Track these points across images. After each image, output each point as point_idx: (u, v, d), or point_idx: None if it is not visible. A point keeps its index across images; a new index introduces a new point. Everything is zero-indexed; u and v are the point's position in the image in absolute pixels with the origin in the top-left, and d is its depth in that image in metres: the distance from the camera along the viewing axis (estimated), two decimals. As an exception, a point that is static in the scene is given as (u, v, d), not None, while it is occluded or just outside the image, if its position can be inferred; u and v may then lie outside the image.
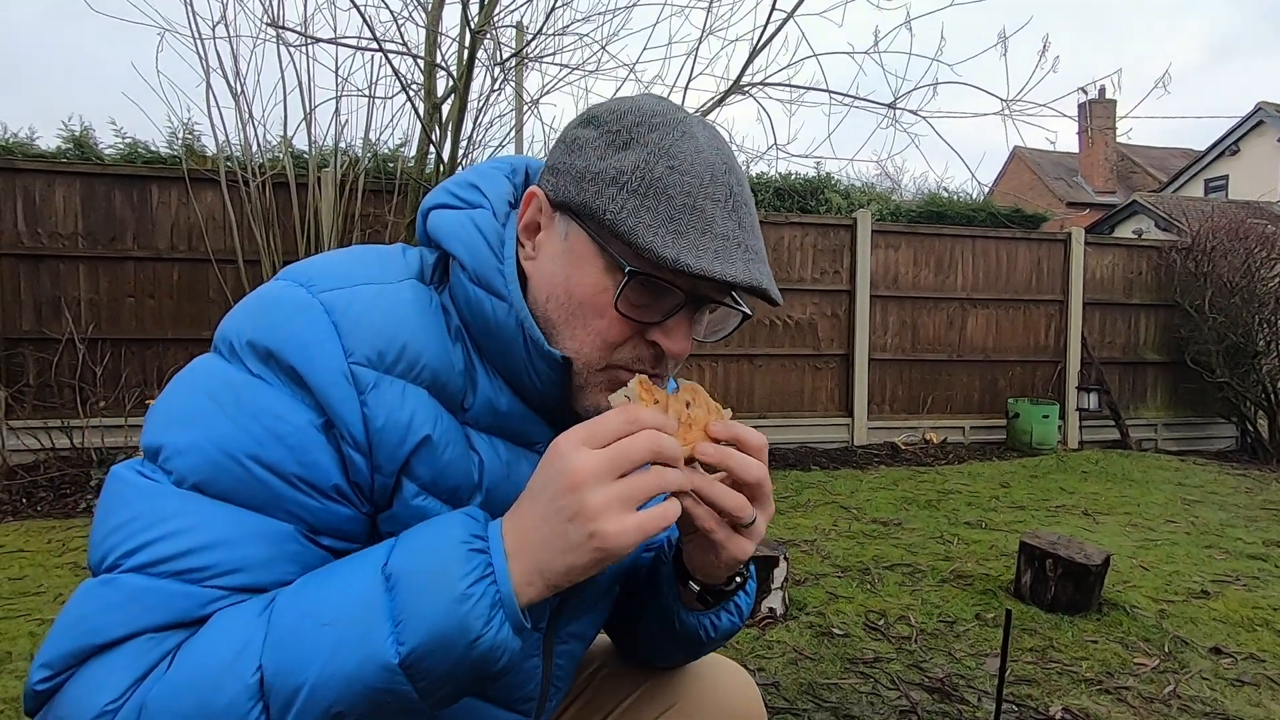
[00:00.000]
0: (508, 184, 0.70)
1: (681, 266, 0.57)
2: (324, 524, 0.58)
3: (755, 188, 8.78)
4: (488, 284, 0.63)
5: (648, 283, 0.61)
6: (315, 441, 0.56)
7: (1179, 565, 3.33)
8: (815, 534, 3.72)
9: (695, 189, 0.60)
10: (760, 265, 0.62)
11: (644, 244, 0.58)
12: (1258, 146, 15.77)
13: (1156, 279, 7.13)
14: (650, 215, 0.59)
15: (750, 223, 0.64)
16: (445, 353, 0.62)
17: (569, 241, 0.63)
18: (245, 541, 0.54)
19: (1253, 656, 2.41)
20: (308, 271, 0.62)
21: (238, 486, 0.55)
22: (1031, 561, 2.80)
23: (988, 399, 6.79)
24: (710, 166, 0.62)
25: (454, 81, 4.18)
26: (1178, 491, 4.94)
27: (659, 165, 0.60)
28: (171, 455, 0.55)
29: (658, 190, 0.59)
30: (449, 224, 0.66)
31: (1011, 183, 22.82)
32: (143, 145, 6.01)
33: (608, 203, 0.60)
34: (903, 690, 2.13)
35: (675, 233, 0.59)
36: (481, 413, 0.64)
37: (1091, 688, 2.18)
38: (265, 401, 0.56)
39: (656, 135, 0.62)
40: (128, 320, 4.84)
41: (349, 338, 0.58)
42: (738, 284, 0.60)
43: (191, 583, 0.53)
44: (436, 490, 0.62)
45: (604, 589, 0.77)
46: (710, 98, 4.16)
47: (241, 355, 0.58)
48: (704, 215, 0.60)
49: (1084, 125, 19.60)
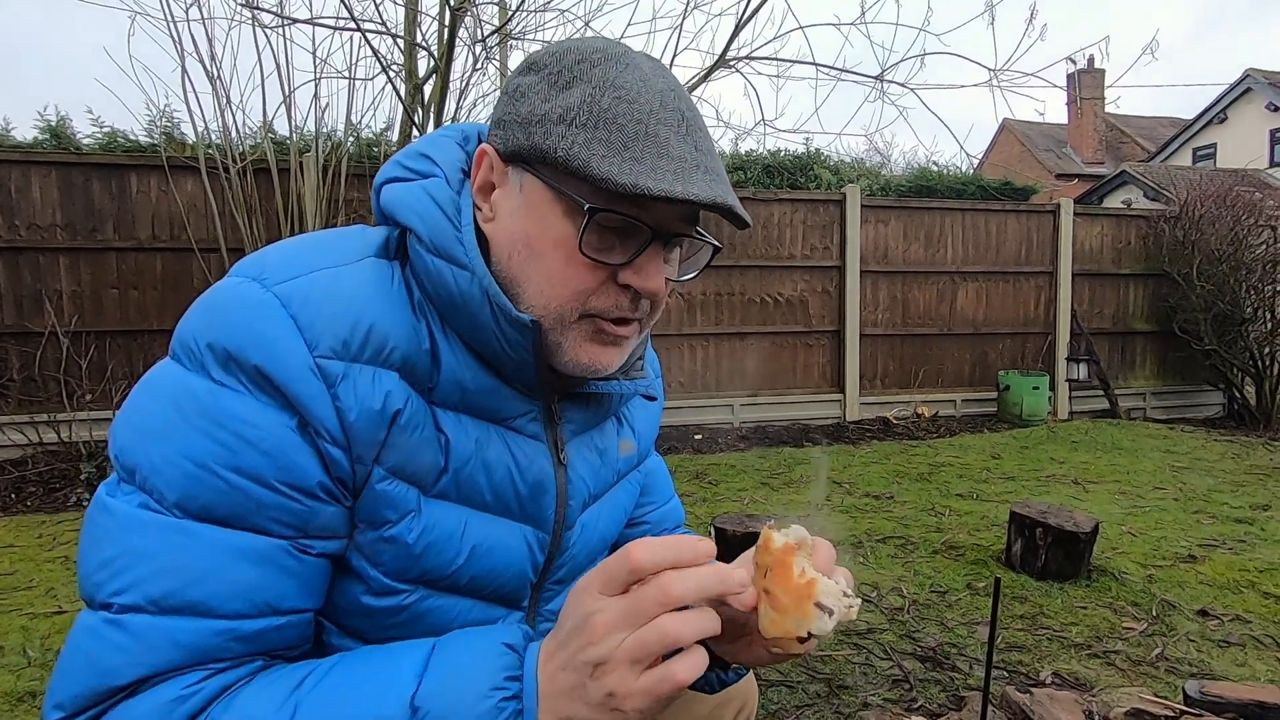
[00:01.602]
0: (459, 151, 0.68)
1: (642, 190, 0.55)
2: (313, 526, 0.56)
3: (744, 164, 8.72)
4: (447, 253, 0.61)
5: (611, 221, 0.58)
6: (291, 443, 0.55)
7: (1167, 531, 3.37)
8: (809, 509, 3.74)
9: (645, 115, 0.58)
10: (722, 185, 0.60)
11: (600, 174, 0.55)
12: (1245, 114, 15.77)
13: (1145, 249, 7.14)
14: (603, 145, 0.56)
15: (706, 145, 0.61)
16: (413, 331, 0.61)
17: (525, 193, 0.61)
18: (234, 567, 0.53)
19: (1238, 618, 2.45)
20: (260, 264, 0.60)
21: (219, 499, 0.53)
22: (1022, 531, 2.82)
23: (978, 372, 6.82)
24: (659, 93, 0.60)
25: (435, 61, 4.11)
26: (1166, 459, 5.00)
27: (605, 97, 0.58)
28: (149, 475, 0.54)
29: (607, 120, 0.57)
30: (402, 196, 0.63)
31: (1001, 155, 22.77)
32: (121, 134, 5.91)
33: (558, 141, 0.57)
34: (895, 660, 2.15)
35: (632, 159, 0.56)
36: (448, 390, 0.62)
37: (1081, 652, 2.21)
38: (233, 409, 0.54)
39: (599, 70, 0.60)
40: (111, 312, 4.78)
41: (310, 330, 0.56)
42: (702, 202, 0.57)
43: (195, 616, 0.52)
44: (404, 474, 0.60)
45: (583, 565, 0.77)
46: (696, 73, 4.11)
47: (202, 361, 0.56)
48: (658, 139, 0.58)
49: (1073, 95, 19.52)
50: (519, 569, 0.68)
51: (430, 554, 0.62)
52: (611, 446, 0.78)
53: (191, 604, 0.52)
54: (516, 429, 0.67)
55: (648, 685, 0.47)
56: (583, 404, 0.73)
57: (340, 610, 0.62)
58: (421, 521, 0.61)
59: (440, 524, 0.62)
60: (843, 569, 0.58)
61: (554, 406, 0.70)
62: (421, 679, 0.51)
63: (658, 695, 0.47)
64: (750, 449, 5.38)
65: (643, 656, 0.47)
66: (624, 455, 0.80)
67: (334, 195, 4.89)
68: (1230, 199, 6.78)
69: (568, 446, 0.72)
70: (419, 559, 0.62)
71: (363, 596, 0.62)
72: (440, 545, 0.63)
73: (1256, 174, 13.25)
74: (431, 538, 0.62)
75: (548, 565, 0.72)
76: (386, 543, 0.60)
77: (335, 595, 0.62)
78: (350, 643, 0.63)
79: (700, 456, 5.14)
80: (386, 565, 0.61)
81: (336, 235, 0.65)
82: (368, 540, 0.60)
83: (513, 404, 0.66)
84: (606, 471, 0.77)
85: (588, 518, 0.75)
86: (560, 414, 0.71)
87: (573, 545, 0.73)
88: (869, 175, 9.44)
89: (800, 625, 0.51)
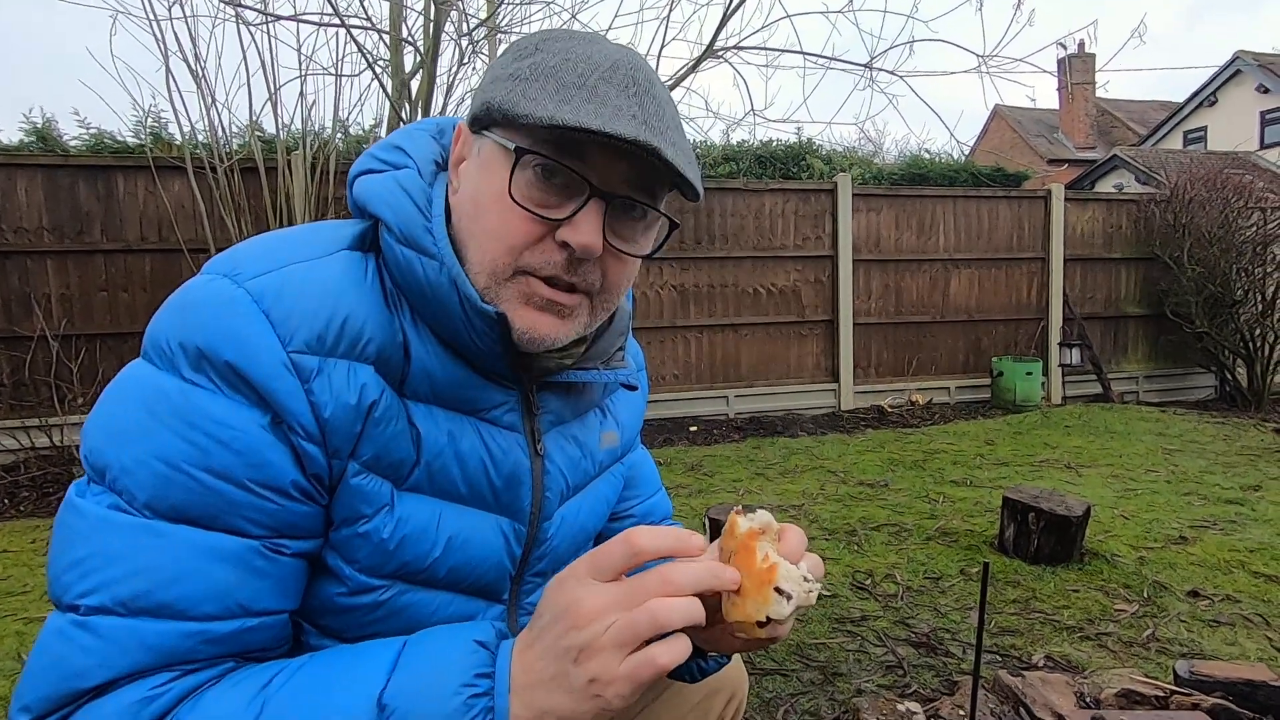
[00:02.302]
0: (434, 144, 0.68)
1: (557, 122, 0.54)
2: (287, 525, 0.56)
3: (736, 155, 8.71)
4: (416, 243, 0.61)
5: (542, 164, 0.58)
6: (263, 441, 0.54)
7: (1159, 513, 3.39)
8: (803, 499, 3.76)
9: (590, 71, 0.57)
10: (659, 136, 0.57)
11: (522, 111, 0.55)
12: (1235, 96, 15.78)
13: (1136, 232, 7.16)
14: (538, 91, 0.56)
15: (655, 109, 0.58)
16: (387, 323, 0.60)
17: (480, 155, 0.62)
18: (206, 569, 0.53)
19: (1229, 598, 2.47)
20: (233, 260, 0.60)
21: (190, 499, 0.53)
22: (1014, 516, 2.84)
23: (972, 358, 6.84)
24: (611, 59, 0.59)
25: (421, 56, 4.08)
26: (1158, 441, 5.02)
27: (554, 59, 0.59)
28: (119, 475, 0.53)
29: (547, 73, 0.57)
30: (373, 187, 0.63)
31: (993, 142, 22.76)
32: (108, 135, 5.86)
33: (502, 94, 0.58)
34: (889, 646, 2.16)
35: (560, 100, 0.56)
36: (418, 382, 0.62)
37: (1073, 635, 2.22)
38: (204, 408, 0.54)
39: (560, 43, 0.60)
40: (101, 315, 4.76)
41: (284, 325, 0.56)
42: (623, 138, 0.54)
43: (165, 618, 0.51)
44: (378, 468, 0.60)
45: (564, 557, 0.76)
46: (684, 63, 4.10)
47: (173, 360, 0.55)
48: (595, 91, 0.56)
49: (1063, 81, 19.51)
50: (496, 560, 0.68)
51: (406, 547, 0.62)
52: (593, 438, 0.78)
53: (161, 606, 0.51)
54: (492, 420, 0.67)
55: (630, 670, 0.47)
56: (562, 394, 0.73)
57: (316, 609, 0.62)
58: (395, 515, 0.61)
59: (414, 517, 0.62)
60: (813, 555, 0.57)
61: (532, 397, 0.70)
62: (390, 676, 0.51)
63: (640, 680, 0.47)
64: (745, 440, 5.38)
65: (629, 640, 0.47)
66: (606, 447, 0.80)
67: (323, 193, 4.86)
68: (1220, 181, 6.80)
69: (545, 437, 0.71)
70: (395, 553, 0.62)
71: (338, 594, 0.62)
72: (415, 538, 0.62)
73: (1246, 156, 13.29)
74: (406, 530, 0.62)
75: (526, 557, 0.72)
76: (361, 538, 0.60)
77: (310, 595, 0.62)
78: (328, 643, 0.63)
79: (695, 448, 5.15)
80: (362, 561, 0.61)
81: (310, 229, 0.65)
82: (342, 537, 0.60)
83: (487, 395, 0.66)
84: (587, 463, 0.77)
85: (567, 509, 0.75)
86: (538, 405, 0.70)
87: (552, 537, 0.73)
88: (861, 164, 9.43)
89: (759, 609, 0.51)
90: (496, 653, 0.52)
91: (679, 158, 0.58)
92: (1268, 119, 15.14)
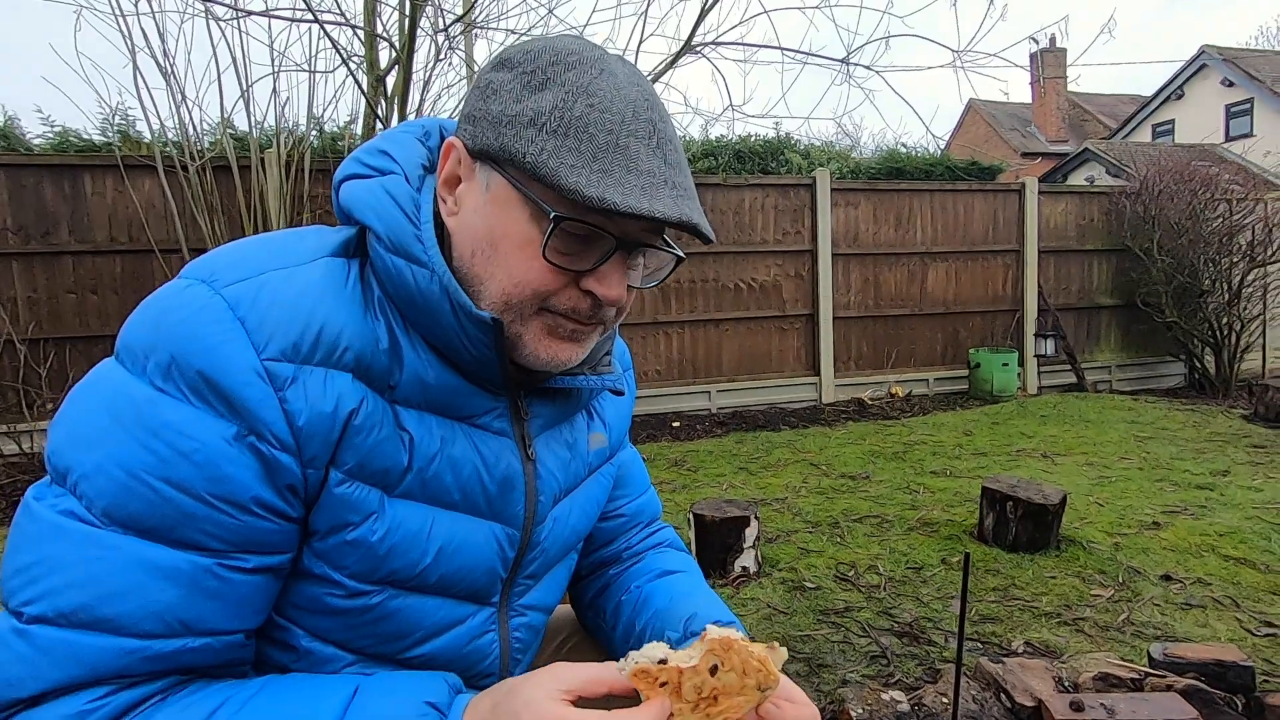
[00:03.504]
0: (420, 148, 0.67)
1: (608, 205, 0.55)
2: (246, 541, 0.55)
3: (714, 151, 8.71)
4: (405, 251, 0.60)
5: (576, 229, 0.59)
6: (225, 455, 0.54)
7: (1132, 499, 3.47)
8: (786, 492, 3.79)
9: (617, 126, 0.58)
10: (689, 201, 0.61)
11: (568, 185, 0.55)
12: (1201, 90, 16.10)
13: (1108, 224, 7.29)
14: (572, 155, 0.57)
15: (676, 159, 0.61)
16: (367, 330, 0.60)
17: (491, 191, 0.61)
18: (152, 586, 0.52)
19: (1200, 581, 2.54)
20: (212, 265, 0.59)
21: (147, 509, 0.52)
22: (993, 505, 2.89)
23: (950, 350, 6.93)
24: (631, 103, 0.60)
25: (397, 53, 4.03)
26: (1131, 429, 5.13)
27: (578, 104, 0.58)
28: (79, 479, 0.53)
29: (578, 129, 0.57)
30: (359, 194, 0.63)
31: (968, 135, 23.04)
32: (74, 133, 5.71)
33: (527, 145, 0.57)
34: (873, 636, 2.19)
35: (600, 171, 0.56)
36: (410, 389, 0.62)
37: (1051, 620, 2.27)
38: (168, 418, 0.53)
39: (574, 74, 0.59)
40: (70, 318, 4.65)
41: (259, 333, 0.55)
42: (668, 220, 0.58)
43: (104, 633, 0.51)
44: (363, 475, 0.60)
45: (554, 559, 0.77)
46: (662, 59, 4.09)
47: (144, 365, 0.55)
48: (628, 153, 0.58)
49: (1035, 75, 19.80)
50: (489, 566, 0.68)
51: (396, 555, 0.62)
52: (581, 440, 0.78)
53: (102, 620, 0.51)
54: (482, 426, 0.67)
55: None
56: (550, 399, 0.73)
57: (305, 613, 0.62)
58: (385, 523, 0.61)
59: (405, 524, 0.62)
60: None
61: (520, 402, 0.70)
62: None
63: None
64: (728, 434, 5.41)
65: None
66: (595, 448, 0.81)
67: (298, 191, 4.79)
68: (1187, 174, 6.94)
69: (535, 442, 0.71)
70: (384, 560, 0.61)
71: (327, 599, 0.61)
72: (406, 546, 0.62)
73: (1212, 148, 13.59)
74: (396, 538, 0.62)
75: (518, 561, 0.72)
76: (350, 546, 0.60)
77: (298, 599, 0.61)
78: (318, 645, 0.63)
79: (678, 443, 5.16)
80: (351, 568, 0.61)
81: (293, 236, 0.64)
82: (329, 546, 0.60)
83: (478, 401, 0.66)
84: (577, 465, 0.77)
85: (559, 512, 0.75)
86: (527, 410, 0.70)
87: (544, 540, 0.73)
88: (839, 158, 9.48)
89: None
90: (448, 714, 0.54)
91: (700, 215, 0.61)
92: (1232, 112, 15.48)
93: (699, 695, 0.53)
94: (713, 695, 0.53)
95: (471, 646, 0.70)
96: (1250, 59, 15.49)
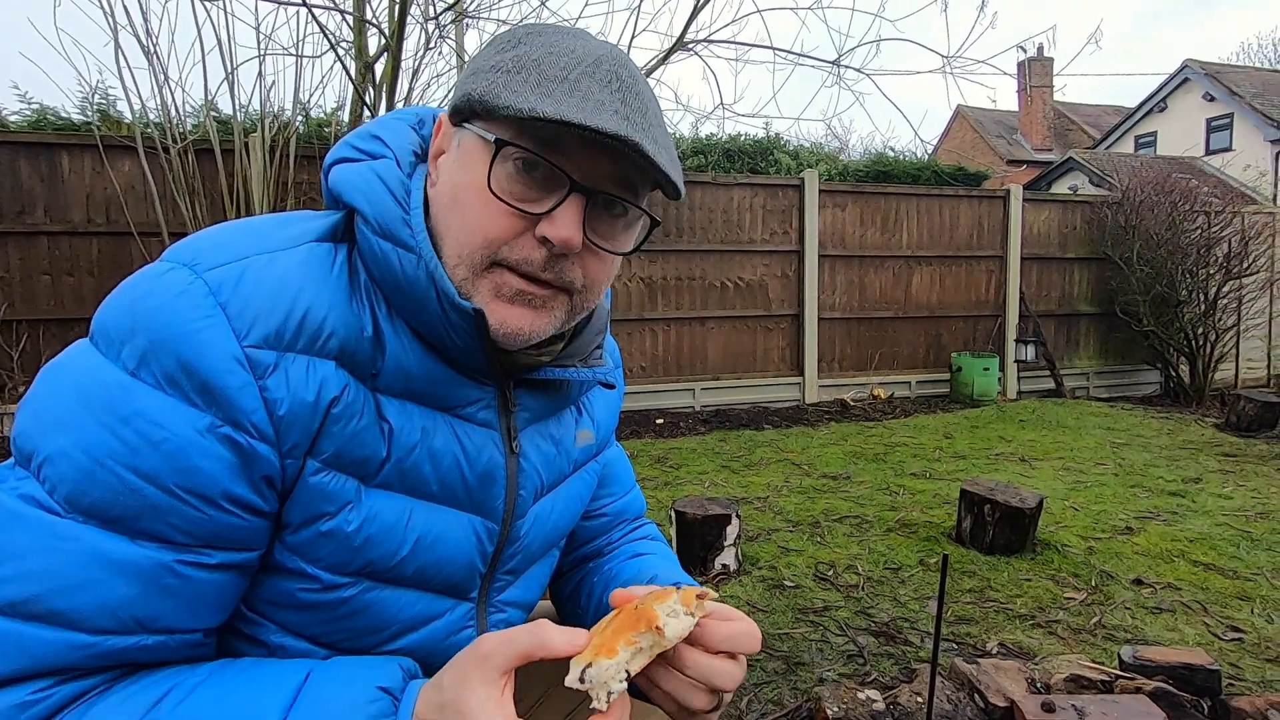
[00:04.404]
0: (413, 135, 0.67)
1: (537, 113, 0.53)
2: (210, 536, 0.54)
3: (704, 149, 8.72)
4: (393, 235, 0.59)
5: (519, 155, 0.57)
6: (197, 447, 0.52)
7: (1106, 505, 3.52)
8: (768, 491, 3.81)
9: (573, 65, 0.56)
10: (640, 131, 0.56)
11: (503, 102, 0.54)
12: (1184, 103, 16.38)
13: (1089, 233, 7.39)
14: (520, 84, 0.55)
15: (638, 105, 0.58)
16: (352, 316, 0.59)
17: (460, 148, 0.60)
18: (106, 581, 0.50)
19: (1170, 585, 2.58)
20: (193, 249, 0.57)
21: (111, 498, 0.50)
22: (971, 507, 2.92)
23: (932, 354, 7.00)
24: (595, 55, 0.58)
25: (386, 40, 3.98)
26: (1107, 436, 5.22)
27: (538, 51, 0.58)
28: (44, 462, 0.51)
29: (530, 65, 0.57)
30: (349, 177, 0.62)
31: (955, 141, 23.25)
32: (52, 111, 5.59)
33: (484, 86, 0.57)
34: (850, 636, 2.21)
35: (542, 93, 0.55)
36: (392, 377, 0.61)
37: (1025, 622, 2.30)
38: (140, 405, 0.51)
39: (545, 37, 0.59)
40: (44, 299, 4.56)
41: (240, 319, 0.54)
42: (604, 132, 0.54)
43: (54, 626, 0.49)
44: (340, 464, 0.58)
45: (536, 555, 0.76)
46: (655, 55, 4.08)
47: (120, 349, 0.53)
48: (577, 85, 0.56)
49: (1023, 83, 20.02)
50: (467, 560, 0.68)
51: (371, 546, 0.61)
52: (568, 436, 0.77)
53: (53, 613, 0.49)
54: (466, 417, 0.66)
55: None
56: (539, 392, 0.72)
57: (277, 608, 0.61)
58: (361, 513, 0.60)
59: (382, 515, 0.61)
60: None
61: (509, 394, 0.69)
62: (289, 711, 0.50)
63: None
64: (711, 432, 5.43)
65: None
66: (581, 445, 0.80)
67: (282, 177, 4.72)
68: (1168, 185, 7.06)
69: (521, 435, 0.71)
70: (360, 551, 0.60)
71: (300, 593, 0.60)
72: (382, 537, 0.61)
73: (1192, 161, 13.83)
74: (372, 529, 0.60)
75: (498, 555, 0.71)
76: (325, 537, 0.59)
77: (269, 594, 0.60)
78: (290, 640, 0.62)
79: (662, 441, 5.17)
80: (326, 560, 0.60)
81: (278, 220, 0.63)
82: (303, 539, 0.59)
83: (463, 391, 0.65)
84: (562, 461, 0.76)
85: (540, 508, 0.74)
86: (515, 402, 0.70)
87: (525, 535, 0.73)
88: (828, 160, 9.53)
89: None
90: (401, 699, 0.53)
91: (661, 154, 0.57)
92: (1213, 126, 15.76)
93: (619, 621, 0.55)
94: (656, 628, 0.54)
95: (449, 642, 0.69)
96: (1232, 74, 15.78)
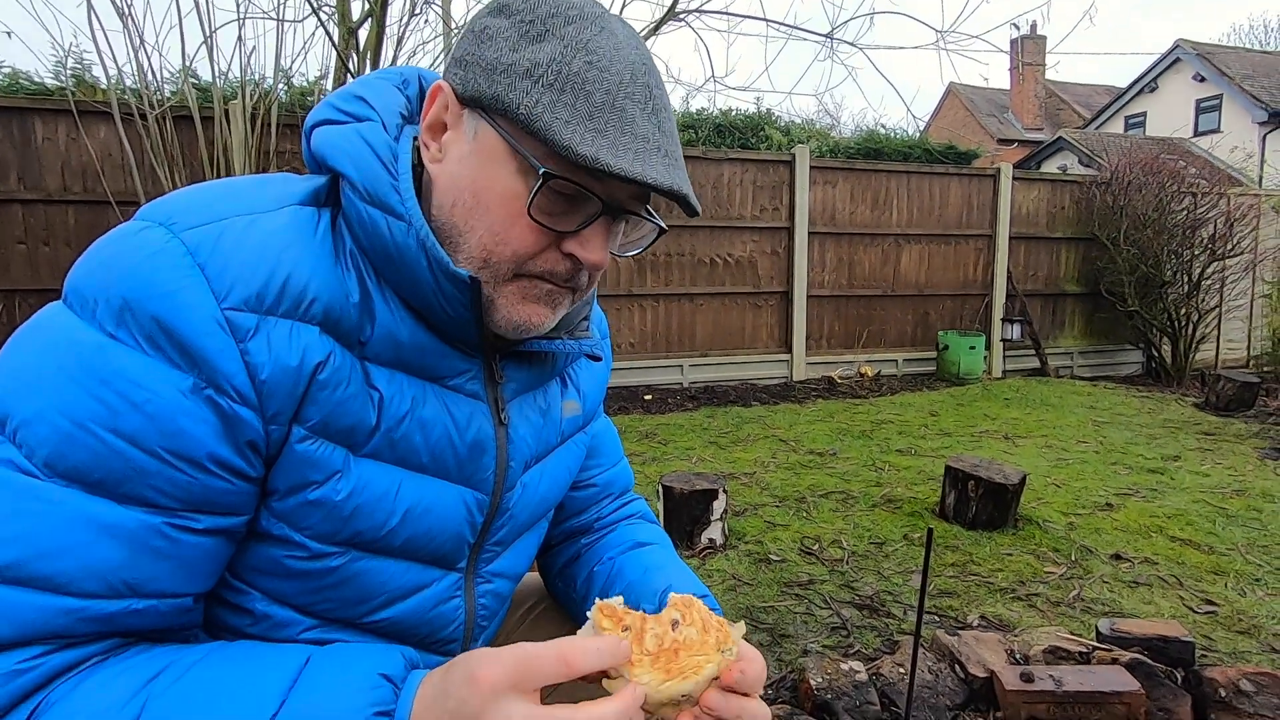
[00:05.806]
0: (399, 95, 0.64)
1: (601, 165, 0.53)
2: (198, 500, 0.52)
3: (695, 123, 8.63)
4: (382, 202, 0.57)
5: (564, 188, 0.57)
6: (181, 408, 0.50)
7: (1087, 481, 3.58)
8: (755, 466, 3.83)
9: (615, 87, 0.56)
10: (679, 171, 0.59)
11: (561, 141, 0.53)
12: (1174, 84, 16.36)
13: (1078, 213, 7.41)
14: (567, 111, 0.54)
15: (669, 128, 0.60)
16: (337, 282, 0.57)
17: (478, 140, 0.58)
18: (93, 544, 0.49)
19: (1147, 560, 2.64)
20: (169, 208, 0.55)
21: (94, 461, 0.49)
22: (955, 483, 2.95)
23: (919, 332, 7.03)
24: (630, 65, 0.58)
25: (370, 4, 3.88)
26: (1089, 414, 5.29)
27: (576, 60, 0.56)
28: (19, 426, 0.49)
29: (575, 85, 0.55)
30: (333, 140, 0.59)
31: (946, 119, 23.17)
32: (24, 75, 5.42)
33: (521, 97, 0.55)
34: (834, 609, 2.24)
35: (595, 130, 0.54)
36: (382, 345, 0.59)
37: (1006, 596, 2.34)
38: (120, 367, 0.49)
39: (574, 29, 0.57)
40: (20, 269, 4.46)
41: (220, 280, 0.52)
42: (658, 187, 0.56)
43: (40, 591, 0.48)
44: (328, 433, 0.57)
45: (525, 526, 0.75)
46: (645, 25, 4.00)
47: (94, 309, 0.51)
48: (624, 115, 0.56)
49: (1015, 61, 19.92)
50: (456, 531, 0.67)
51: (360, 516, 0.60)
52: (555, 407, 0.76)
53: (39, 578, 0.48)
54: (454, 388, 0.65)
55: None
56: (525, 363, 0.71)
57: (263, 576, 0.60)
58: (350, 483, 0.59)
59: (371, 485, 0.60)
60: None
61: (495, 365, 0.68)
62: (284, 701, 0.49)
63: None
64: (699, 409, 5.44)
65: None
66: (568, 416, 0.79)
67: (264, 146, 4.62)
68: (1156, 166, 7.08)
69: (509, 406, 0.70)
70: (348, 520, 0.59)
71: (287, 561, 0.59)
72: (371, 507, 0.60)
73: (1181, 143, 13.86)
74: (361, 499, 0.60)
75: (487, 526, 0.70)
76: (312, 506, 0.58)
77: (256, 562, 0.59)
78: (276, 609, 0.61)
79: (650, 416, 5.18)
80: (314, 529, 0.59)
81: (257, 181, 0.61)
82: (289, 506, 0.57)
83: (451, 362, 0.64)
84: (549, 432, 0.76)
85: (529, 478, 0.73)
86: (501, 373, 0.68)
87: (514, 506, 0.72)
88: (819, 136, 9.48)
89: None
90: (401, 688, 0.51)
91: (689, 187, 0.60)
92: (1202, 107, 15.77)
93: (660, 647, 0.53)
94: (674, 649, 0.53)
95: (436, 612, 0.68)
96: (1222, 55, 15.76)
